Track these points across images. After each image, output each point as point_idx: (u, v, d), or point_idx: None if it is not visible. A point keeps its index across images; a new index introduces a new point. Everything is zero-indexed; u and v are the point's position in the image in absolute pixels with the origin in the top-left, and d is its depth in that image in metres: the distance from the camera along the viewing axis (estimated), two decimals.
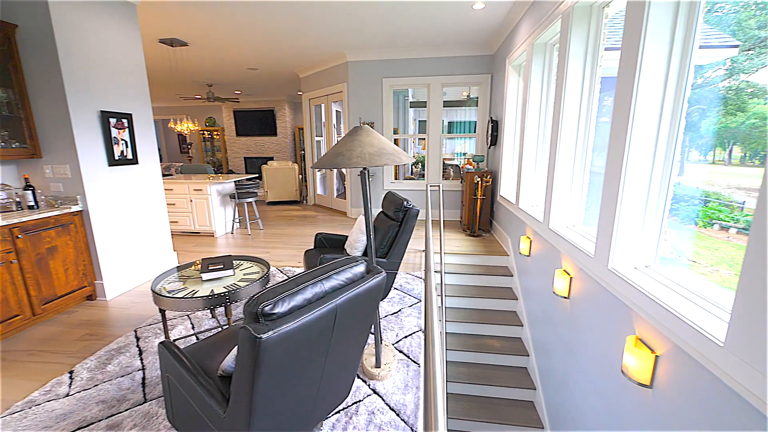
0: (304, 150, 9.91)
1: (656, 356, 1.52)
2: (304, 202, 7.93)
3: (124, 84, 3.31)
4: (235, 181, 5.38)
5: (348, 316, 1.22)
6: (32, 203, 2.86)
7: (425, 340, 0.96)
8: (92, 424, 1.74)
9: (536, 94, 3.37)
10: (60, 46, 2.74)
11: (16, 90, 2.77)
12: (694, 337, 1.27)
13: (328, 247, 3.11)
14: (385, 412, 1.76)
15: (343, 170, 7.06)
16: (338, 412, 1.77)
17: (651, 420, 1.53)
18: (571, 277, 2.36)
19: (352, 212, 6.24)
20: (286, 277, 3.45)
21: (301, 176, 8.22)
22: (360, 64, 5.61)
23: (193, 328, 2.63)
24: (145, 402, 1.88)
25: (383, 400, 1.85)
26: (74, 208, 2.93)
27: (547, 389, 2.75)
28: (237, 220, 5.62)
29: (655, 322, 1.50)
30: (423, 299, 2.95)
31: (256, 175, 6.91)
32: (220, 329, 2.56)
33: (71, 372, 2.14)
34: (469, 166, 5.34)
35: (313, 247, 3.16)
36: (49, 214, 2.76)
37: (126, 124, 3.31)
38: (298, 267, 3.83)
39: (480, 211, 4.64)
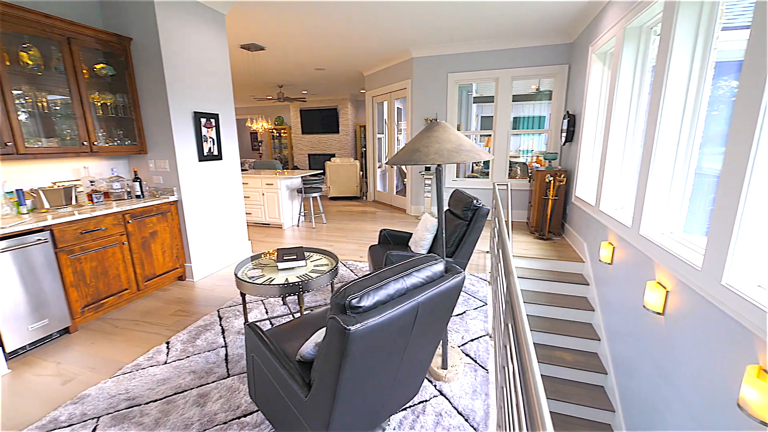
0: (365, 147, 10.12)
1: None
2: (364, 198, 8.11)
3: (213, 86, 3.65)
4: (301, 177, 5.66)
5: (428, 314, 1.20)
6: (139, 193, 3.28)
7: (518, 345, 0.90)
8: (186, 391, 1.95)
9: (626, 85, 3.03)
10: (164, 55, 3.10)
11: (130, 95, 3.19)
12: None
13: (392, 244, 3.12)
14: (453, 416, 1.72)
15: (404, 167, 7.07)
16: (405, 409, 1.77)
17: None
18: (667, 291, 2.09)
19: (412, 209, 6.22)
20: (350, 272, 3.55)
21: (361, 173, 8.41)
22: (425, 60, 5.55)
23: (266, 312, 2.82)
24: (228, 377, 2.06)
25: (450, 403, 1.80)
26: (171, 198, 3.32)
27: (631, 414, 2.48)
28: (302, 214, 5.92)
29: None
30: (490, 303, 2.83)
31: (321, 171, 7.22)
32: (291, 316, 2.71)
33: (168, 343, 2.43)
34: (538, 164, 5.01)
35: (377, 243, 3.20)
36: (152, 203, 3.15)
37: (213, 123, 3.65)
38: (360, 261, 3.91)
39: (551, 212, 4.33)
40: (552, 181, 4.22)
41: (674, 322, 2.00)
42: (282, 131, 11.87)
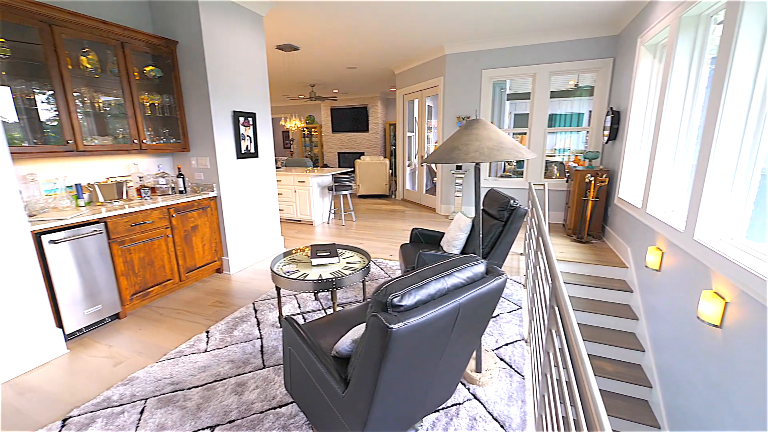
0: (394, 145, 10.10)
1: None
2: (393, 196, 8.10)
3: (251, 86, 3.76)
4: (332, 175, 5.74)
5: (468, 316, 1.17)
6: (182, 189, 3.45)
7: (570, 354, 0.86)
8: (225, 379, 2.03)
9: (681, 78, 2.82)
10: (207, 57, 3.23)
11: (175, 95, 3.36)
12: None
13: (424, 243, 3.09)
14: (487, 421, 1.67)
15: (434, 166, 7.00)
16: (437, 410, 1.74)
17: None
18: (726, 302, 1.92)
19: (441, 209, 6.14)
20: (380, 270, 3.55)
21: (391, 171, 8.41)
22: (458, 56, 5.44)
23: (299, 307, 2.88)
24: (264, 368, 2.12)
25: (485, 407, 1.76)
26: (211, 194, 3.46)
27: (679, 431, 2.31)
28: (332, 211, 6.00)
29: None
30: (525, 307, 2.74)
31: (351, 169, 7.28)
32: (323, 311, 2.76)
33: (207, 332, 2.54)
34: (576, 164, 4.79)
35: (408, 242, 3.18)
36: (194, 198, 3.30)
37: (251, 122, 3.77)
38: (390, 260, 3.91)
39: (591, 214, 4.12)
40: (593, 182, 4.01)
41: (734, 336, 1.84)
42: (312, 129, 12.11)
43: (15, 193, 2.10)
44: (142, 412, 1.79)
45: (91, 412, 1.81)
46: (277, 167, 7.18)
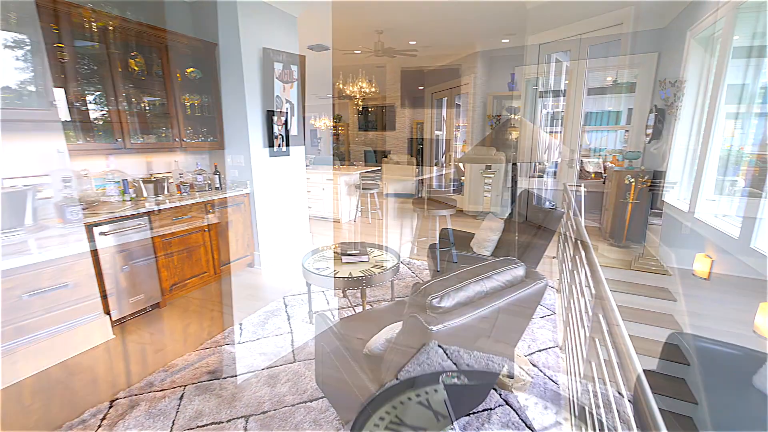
0: (421, 144, 10.03)
1: None
2: (419, 195, 8.05)
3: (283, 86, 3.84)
4: (359, 173, 5.77)
5: (507, 320, 1.14)
6: (218, 185, 3.58)
7: (623, 369, 0.82)
8: (257, 371, 2.09)
9: (737, 72, 2.61)
10: (244, 58, 3.33)
11: (214, 96, 3.49)
12: None
13: (453, 244, 3.04)
14: (521, 428, 1.63)
15: (461, 165, 6.90)
16: (468, 414, 1.71)
17: None
18: None
19: (469, 209, 6.03)
20: (407, 269, 3.53)
21: (417, 170, 8.36)
22: (490, 53, 5.32)
23: (327, 303, 2.92)
24: (294, 361, 2.16)
25: (517, 414, 1.71)
26: (245, 191, 3.57)
27: None
28: (359, 209, 6.04)
29: None
30: (558, 312, 2.64)
31: (378, 168, 7.30)
32: (351, 309, 2.78)
33: (241, 324, 2.62)
34: (613, 164, 4.55)
35: (436, 242, 3.15)
36: (229, 194, 3.42)
37: (283, 121, 3.86)
38: (415, 260, 3.89)
39: (630, 217, 3.91)
40: (633, 183, 3.80)
41: None
42: (339, 128, 12.24)
43: (74, 187, 2.26)
44: (181, 398, 1.88)
45: (136, 395, 1.91)
46: (306, 165, 7.33)
